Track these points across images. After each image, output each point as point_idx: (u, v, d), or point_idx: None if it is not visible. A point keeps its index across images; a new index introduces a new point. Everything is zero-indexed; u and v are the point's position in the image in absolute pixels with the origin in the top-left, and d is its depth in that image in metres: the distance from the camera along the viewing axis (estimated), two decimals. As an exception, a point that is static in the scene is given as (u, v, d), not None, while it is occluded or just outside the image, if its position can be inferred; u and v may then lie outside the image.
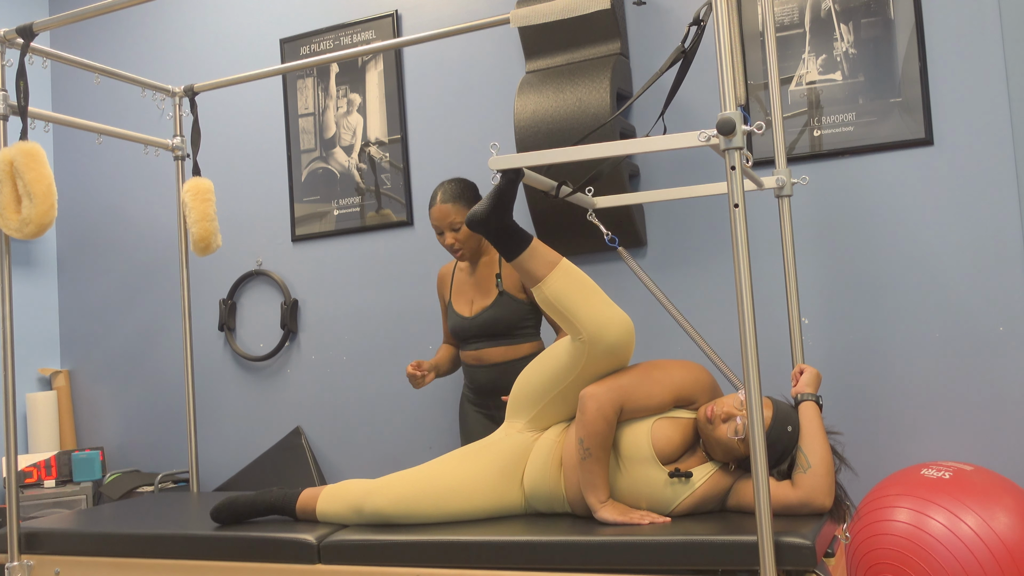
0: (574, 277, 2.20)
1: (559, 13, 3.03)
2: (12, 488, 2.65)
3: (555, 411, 2.30)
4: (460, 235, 2.84)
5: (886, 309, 2.98)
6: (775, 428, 2.05)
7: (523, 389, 2.33)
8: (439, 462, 2.35)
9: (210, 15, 4.20)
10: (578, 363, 2.20)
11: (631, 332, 2.17)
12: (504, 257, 2.26)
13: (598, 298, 2.18)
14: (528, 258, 2.21)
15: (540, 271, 2.21)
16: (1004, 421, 2.83)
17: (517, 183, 2.21)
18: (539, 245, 2.23)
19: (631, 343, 2.19)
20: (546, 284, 2.20)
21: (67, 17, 2.78)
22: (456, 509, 2.27)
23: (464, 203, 2.85)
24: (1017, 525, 2.35)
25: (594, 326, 2.16)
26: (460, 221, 2.82)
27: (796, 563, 1.80)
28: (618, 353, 2.18)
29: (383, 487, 2.31)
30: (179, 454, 4.18)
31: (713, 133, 1.86)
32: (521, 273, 2.25)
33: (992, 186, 2.86)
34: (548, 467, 2.23)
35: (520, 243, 2.22)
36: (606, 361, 2.19)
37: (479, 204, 2.24)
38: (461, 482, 2.27)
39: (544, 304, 2.21)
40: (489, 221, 2.21)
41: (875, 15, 2.99)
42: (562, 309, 2.18)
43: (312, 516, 2.43)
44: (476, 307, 2.90)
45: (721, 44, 1.86)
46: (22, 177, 2.66)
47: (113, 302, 4.38)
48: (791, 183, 2.67)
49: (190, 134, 3.45)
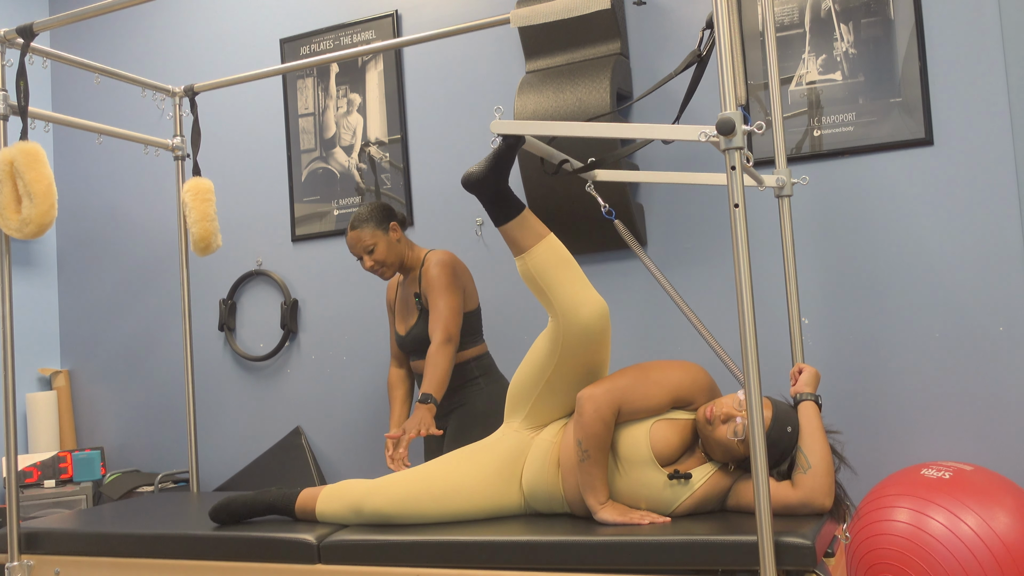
0: (558, 253, 2.20)
1: (559, 13, 3.03)
2: (12, 488, 2.65)
3: (547, 406, 2.29)
4: (377, 256, 2.86)
5: (886, 309, 2.98)
6: (775, 429, 2.05)
7: (514, 387, 2.34)
8: (438, 462, 2.35)
9: (210, 15, 4.20)
10: (556, 350, 2.20)
11: (605, 315, 2.17)
12: (494, 221, 2.25)
13: (577, 278, 2.19)
14: (517, 226, 2.21)
15: (526, 242, 2.21)
16: (1004, 421, 2.83)
17: (516, 149, 2.20)
18: (530, 216, 2.23)
19: (606, 328, 2.19)
20: (530, 255, 2.20)
21: (67, 17, 2.78)
22: (455, 509, 2.27)
23: (374, 224, 2.87)
24: (1017, 525, 2.35)
25: (569, 304, 2.16)
26: (373, 243, 2.85)
27: (796, 563, 1.80)
28: (592, 336, 2.17)
29: (382, 487, 2.31)
30: (179, 454, 4.18)
31: (713, 133, 1.86)
32: (507, 240, 2.25)
33: (992, 186, 2.86)
34: (546, 468, 2.23)
35: (511, 210, 2.22)
36: (582, 348, 2.18)
37: (476, 165, 2.24)
38: (460, 482, 2.27)
39: (525, 276, 2.22)
40: (485, 182, 2.21)
41: (875, 15, 2.99)
42: (541, 283, 2.19)
43: (311, 516, 2.43)
44: (406, 326, 2.95)
45: (721, 44, 1.86)
46: (22, 177, 2.66)
47: (113, 302, 4.38)
48: (791, 183, 2.67)
49: (190, 134, 3.45)
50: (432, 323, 2.77)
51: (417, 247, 2.99)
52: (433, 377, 2.68)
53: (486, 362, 2.98)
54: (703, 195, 3.24)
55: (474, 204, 3.62)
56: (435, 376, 2.68)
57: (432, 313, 2.79)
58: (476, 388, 2.93)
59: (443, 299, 2.78)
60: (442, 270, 2.81)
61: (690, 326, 3.23)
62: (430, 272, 2.83)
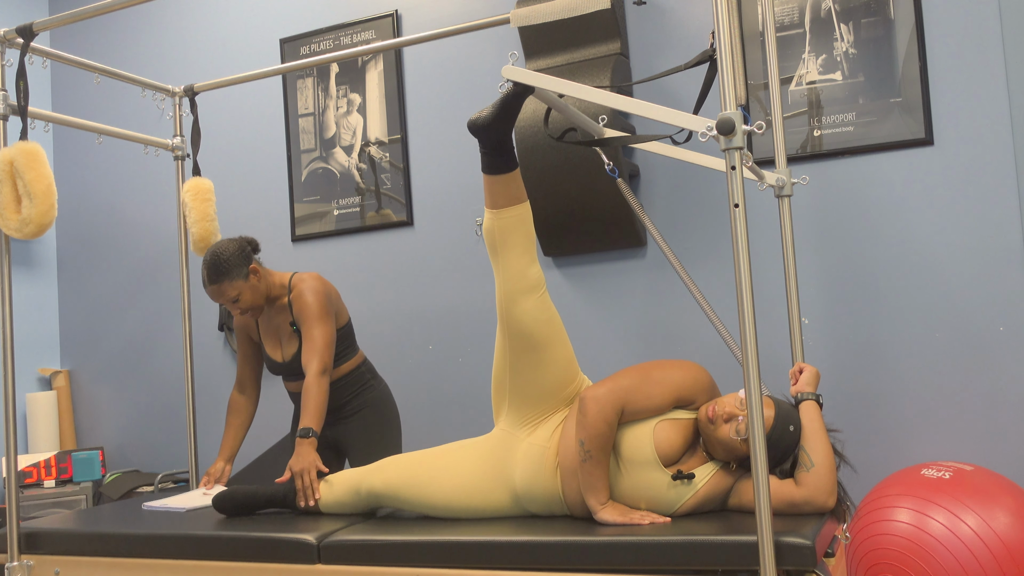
0: (525, 222, 2.25)
1: (559, 13, 3.03)
2: (12, 488, 2.65)
3: (525, 395, 2.28)
4: (243, 304, 2.81)
5: (886, 309, 2.98)
6: (777, 428, 2.05)
7: (493, 388, 2.38)
8: (434, 450, 2.41)
9: (210, 15, 4.20)
10: (505, 328, 2.24)
11: (542, 285, 2.23)
12: (486, 168, 2.25)
13: (530, 251, 2.24)
14: (503, 182, 2.23)
15: (503, 200, 2.24)
16: (1004, 421, 2.83)
17: (523, 98, 2.20)
18: (518, 177, 2.25)
19: (544, 296, 2.22)
20: (501, 214, 2.24)
21: (67, 17, 2.78)
22: (437, 502, 2.32)
23: (233, 274, 2.77)
24: (1017, 525, 2.35)
25: (515, 270, 2.21)
26: (236, 294, 2.78)
27: (796, 563, 1.80)
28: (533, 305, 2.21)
29: (380, 468, 2.44)
30: (179, 454, 4.18)
31: (714, 134, 1.86)
32: (487, 191, 2.26)
33: (992, 186, 2.86)
34: (543, 471, 2.22)
35: (505, 164, 2.23)
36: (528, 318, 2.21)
37: (483, 110, 2.23)
38: (442, 474, 2.33)
39: (488, 231, 2.26)
40: (490, 128, 2.21)
41: (875, 15, 2.99)
42: (499, 243, 2.24)
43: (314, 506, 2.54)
44: (286, 352, 2.93)
45: (721, 44, 1.86)
46: (22, 177, 2.66)
47: (113, 302, 4.38)
48: (791, 183, 2.67)
49: (190, 134, 3.45)
50: (307, 354, 2.75)
51: (275, 272, 2.95)
52: (315, 410, 2.67)
53: (369, 365, 3.08)
54: (703, 195, 3.25)
55: (474, 204, 3.62)
56: (316, 409, 2.67)
57: (307, 343, 2.76)
58: (371, 390, 3.03)
59: (317, 329, 2.76)
60: (315, 298, 2.79)
61: (690, 326, 3.24)
62: (303, 299, 2.80)
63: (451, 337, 3.66)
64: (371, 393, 3.03)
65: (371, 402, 3.02)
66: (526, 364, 2.25)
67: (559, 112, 2.40)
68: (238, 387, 3.07)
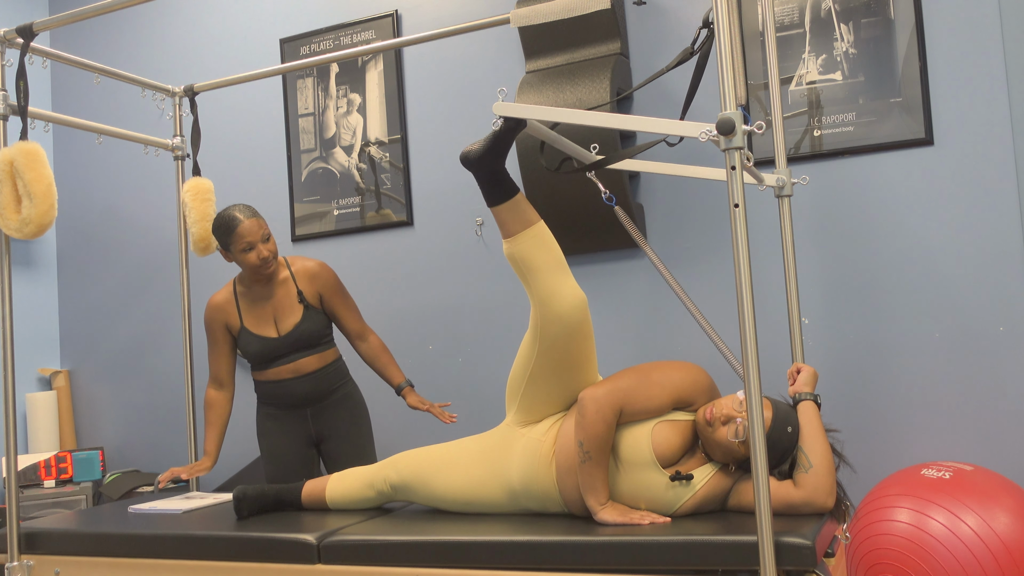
0: (544, 241, 2.23)
1: (559, 13, 3.03)
2: (12, 488, 2.65)
3: (535, 400, 2.29)
4: (271, 246, 2.89)
5: (886, 309, 2.98)
6: (776, 429, 2.05)
7: (509, 382, 2.37)
8: (442, 445, 2.44)
9: (210, 15, 4.20)
10: (536, 341, 2.23)
11: (582, 306, 2.19)
12: (487, 201, 2.26)
13: (559, 269, 2.21)
14: (508, 210, 2.23)
15: (514, 227, 2.23)
16: (1004, 421, 2.83)
17: (515, 132, 2.21)
18: (522, 201, 2.24)
19: (584, 320, 2.20)
20: (516, 240, 2.22)
21: (67, 17, 2.78)
22: (444, 494, 2.36)
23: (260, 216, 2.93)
24: (1017, 525, 2.35)
25: (546, 291, 2.18)
26: (270, 232, 2.91)
27: (796, 563, 1.80)
28: (569, 326, 2.19)
29: (393, 463, 2.48)
30: (179, 454, 4.18)
31: (714, 134, 1.86)
32: (497, 222, 2.26)
33: (992, 186, 2.86)
34: (538, 465, 2.23)
35: (505, 192, 2.23)
36: (561, 338, 2.20)
37: (474, 144, 2.25)
38: (448, 467, 2.36)
39: (510, 259, 2.25)
40: (481, 161, 2.22)
41: (875, 15, 2.99)
42: (524, 268, 2.22)
43: (321, 502, 2.57)
44: (286, 325, 2.95)
45: (721, 44, 1.86)
46: (22, 177, 2.66)
47: (113, 302, 4.38)
48: (791, 183, 2.67)
49: (190, 134, 3.45)
50: (355, 322, 3.04)
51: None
52: (395, 364, 3.06)
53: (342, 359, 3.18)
54: (703, 195, 3.25)
55: (474, 204, 3.62)
56: (395, 362, 3.06)
57: (350, 313, 3.03)
58: (351, 381, 3.13)
59: (351, 299, 3.06)
60: (335, 275, 3.02)
61: (690, 326, 3.24)
62: (322, 276, 2.99)
63: (451, 337, 3.66)
64: (351, 385, 3.12)
65: (353, 394, 3.11)
66: (546, 380, 2.26)
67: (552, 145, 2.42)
68: (214, 384, 3.04)
